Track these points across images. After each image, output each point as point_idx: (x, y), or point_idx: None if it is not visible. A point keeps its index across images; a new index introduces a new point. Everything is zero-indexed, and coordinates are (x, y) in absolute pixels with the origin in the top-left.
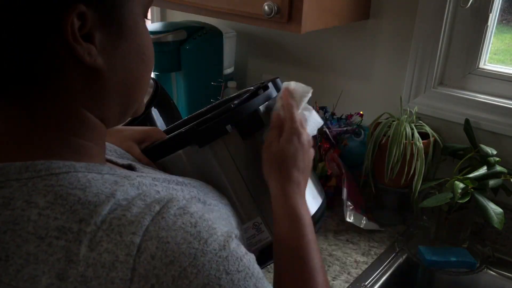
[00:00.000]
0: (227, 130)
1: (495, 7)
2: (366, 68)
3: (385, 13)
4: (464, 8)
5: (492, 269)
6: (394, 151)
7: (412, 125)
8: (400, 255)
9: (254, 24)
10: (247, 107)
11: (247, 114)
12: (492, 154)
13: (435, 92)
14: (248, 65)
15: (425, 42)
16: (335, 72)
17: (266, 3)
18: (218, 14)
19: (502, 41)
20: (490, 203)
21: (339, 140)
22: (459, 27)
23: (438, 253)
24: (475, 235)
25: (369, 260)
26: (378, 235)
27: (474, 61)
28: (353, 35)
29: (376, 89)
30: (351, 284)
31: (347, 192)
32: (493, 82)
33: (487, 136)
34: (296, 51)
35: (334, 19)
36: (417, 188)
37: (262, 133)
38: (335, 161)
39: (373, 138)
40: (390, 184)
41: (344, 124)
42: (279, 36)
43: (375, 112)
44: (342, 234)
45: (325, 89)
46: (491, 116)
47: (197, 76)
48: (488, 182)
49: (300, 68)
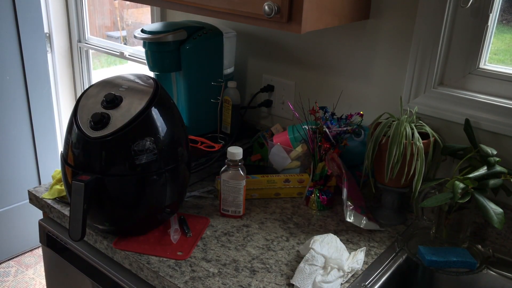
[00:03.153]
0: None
1: (495, 7)
2: (366, 68)
3: (385, 13)
4: (464, 8)
5: (492, 269)
6: (394, 151)
7: (412, 125)
8: (400, 255)
9: (254, 24)
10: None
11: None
12: (492, 154)
13: (435, 92)
14: (248, 65)
15: (425, 42)
16: (335, 72)
17: (266, 3)
18: (218, 14)
19: (502, 41)
20: (490, 203)
21: (339, 140)
22: (459, 27)
23: (438, 253)
24: (475, 235)
25: (369, 260)
26: (378, 235)
27: (474, 61)
28: (353, 35)
29: (376, 89)
30: (351, 284)
31: (347, 192)
32: (493, 82)
33: (487, 136)
34: (296, 51)
35: (334, 19)
36: (417, 188)
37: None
38: (335, 161)
39: (373, 138)
40: (390, 184)
41: (344, 124)
42: (279, 36)
43: (375, 112)
44: (342, 234)
45: (325, 89)
46: (491, 116)
47: (197, 76)
48: (488, 182)
49: (300, 68)
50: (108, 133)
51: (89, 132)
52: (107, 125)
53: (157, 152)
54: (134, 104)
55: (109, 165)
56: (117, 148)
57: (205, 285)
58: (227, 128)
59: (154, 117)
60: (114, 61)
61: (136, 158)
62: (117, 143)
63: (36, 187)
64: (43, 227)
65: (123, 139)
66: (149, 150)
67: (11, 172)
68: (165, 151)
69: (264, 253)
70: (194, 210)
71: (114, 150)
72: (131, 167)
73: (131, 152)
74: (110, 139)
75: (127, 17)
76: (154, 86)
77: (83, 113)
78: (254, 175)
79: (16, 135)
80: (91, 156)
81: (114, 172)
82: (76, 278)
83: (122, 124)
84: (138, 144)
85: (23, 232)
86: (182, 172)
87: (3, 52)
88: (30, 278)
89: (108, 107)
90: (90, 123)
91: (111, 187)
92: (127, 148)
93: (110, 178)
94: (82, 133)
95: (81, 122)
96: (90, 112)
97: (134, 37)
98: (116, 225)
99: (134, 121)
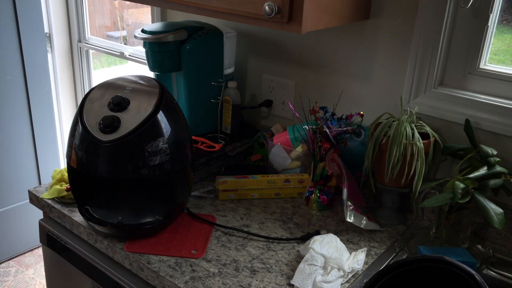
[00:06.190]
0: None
1: (495, 7)
2: (366, 68)
3: (385, 13)
4: (464, 8)
5: (492, 269)
6: (394, 151)
7: (412, 125)
8: (400, 255)
9: (254, 24)
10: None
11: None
12: (492, 154)
13: (435, 92)
14: (248, 65)
15: (425, 42)
16: (335, 72)
17: (266, 3)
18: (218, 14)
19: (502, 41)
20: (491, 203)
21: (339, 140)
22: (459, 27)
23: (438, 253)
24: (475, 235)
25: (369, 260)
26: (378, 235)
27: (474, 61)
28: (353, 35)
29: (377, 89)
30: (351, 284)
31: (347, 192)
32: (494, 82)
33: (487, 136)
34: (296, 51)
35: (334, 19)
36: (417, 188)
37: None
38: (335, 161)
39: (373, 138)
40: (390, 184)
41: (344, 124)
42: (279, 36)
43: (376, 112)
44: (342, 234)
45: (325, 89)
46: (491, 116)
47: (197, 76)
48: (489, 182)
49: (300, 68)
50: (121, 136)
51: (99, 135)
52: (118, 128)
53: (169, 152)
54: (142, 105)
55: (123, 167)
56: (131, 150)
57: (205, 285)
58: (227, 128)
59: (164, 118)
60: (114, 61)
61: (150, 160)
62: (131, 145)
63: (36, 187)
64: (43, 227)
65: (137, 141)
66: (162, 151)
67: (11, 172)
68: (175, 151)
69: (264, 253)
70: (194, 210)
71: (128, 153)
72: (145, 168)
73: (145, 153)
74: (123, 142)
75: (127, 17)
76: (159, 87)
77: (89, 117)
78: (254, 175)
79: (16, 135)
80: (104, 160)
81: (129, 174)
82: (76, 278)
83: (134, 126)
84: (152, 145)
85: (23, 232)
86: (189, 171)
87: (3, 52)
88: (30, 278)
89: (116, 110)
90: (99, 127)
91: (126, 188)
92: (141, 150)
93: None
94: (92, 137)
95: (89, 125)
96: (97, 116)
97: (134, 37)
98: (130, 222)
99: (146, 122)
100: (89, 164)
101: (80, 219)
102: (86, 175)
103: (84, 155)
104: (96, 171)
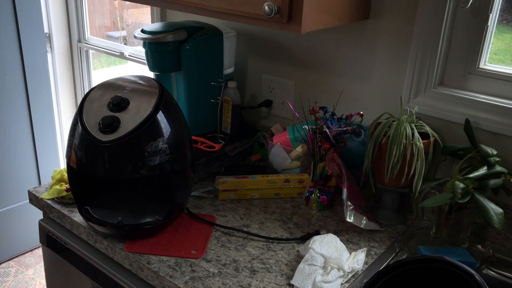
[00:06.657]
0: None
1: (495, 7)
2: (366, 68)
3: (385, 13)
4: (464, 8)
5: (492, 269)
6: (394, 151)
7: (412, 125)
8: (400, 255)
9: (254, 24)
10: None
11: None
12: (492, 154)
13: (435, 92)
14: (248, 65)
15: (425, 42)
16: (335, 72)
17: (266, 3)
18: (218, 14)
19: (502, 41)
20: (490, 203)
21: (339, 140)
22: (459, 27)
23: (438, 253)
24: (475, 235)
25: (369, 260)
26: (378, 235)
27: (474, 61)
28: (353, 35)
29: (376, 89)
30: (351, 284)
31: (347, 192)
32: (493, 82)
33: (487, 136)
34: (296, 51)
35: (334, 19)
36: (417, 188)
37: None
38: (335, 161)
39: (373, 138)
40: (390, 184)
41: (344, 124)
42: (279, 36)
43: (375, 112)
44: (342, 234)
45: (325, 89)
46: (491, 116)
47: (197, 76)
48: (488, 182)
49: (300, 68)
50: (121, 136)
51: (99, 136)
52: (117, 128)
53: (169, 152)
54: (142, 105)
55: (123, 167)
56: (131, 150)
57: (205, 285)
58: (227, 128)
59: (164, 118)
60: (114, 61)
61: (150, 160)
62: (130, 145)
63: (36, 187)
64: (43, 227)
65: (137, 141)
66: (161, 151)
67: (11, 172)
68: (175, 152)
69: (264, 253)
70: (194, 210)
71: (128, 153)
72: (145, 168)
73: (145, 153)
74: (123, 142)
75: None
76: (159, 87)
77: (89, 117)
78: (254, 175)
79: (16, 135)
80: (103, 160)
81: (128, 174)
82: (76, 278)
83: (134, 126)
84: (151, 145)
85: (23, 232)
86: (189, 171)
87: (3, 52)
88: (30, 278)
89: (115, 110)
90: (99, 127)
91: (125, 188)
92: (141, 150)
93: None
94: (92, 137)
95: (88, 126)
96: (97, 116)
97: (134, 37)
98: (130, 222)
99: (146, 123)
100: (88, 164)
101: (80, 219)
102: (85, 175)
103: (83, 155)
104: (96, 171)
